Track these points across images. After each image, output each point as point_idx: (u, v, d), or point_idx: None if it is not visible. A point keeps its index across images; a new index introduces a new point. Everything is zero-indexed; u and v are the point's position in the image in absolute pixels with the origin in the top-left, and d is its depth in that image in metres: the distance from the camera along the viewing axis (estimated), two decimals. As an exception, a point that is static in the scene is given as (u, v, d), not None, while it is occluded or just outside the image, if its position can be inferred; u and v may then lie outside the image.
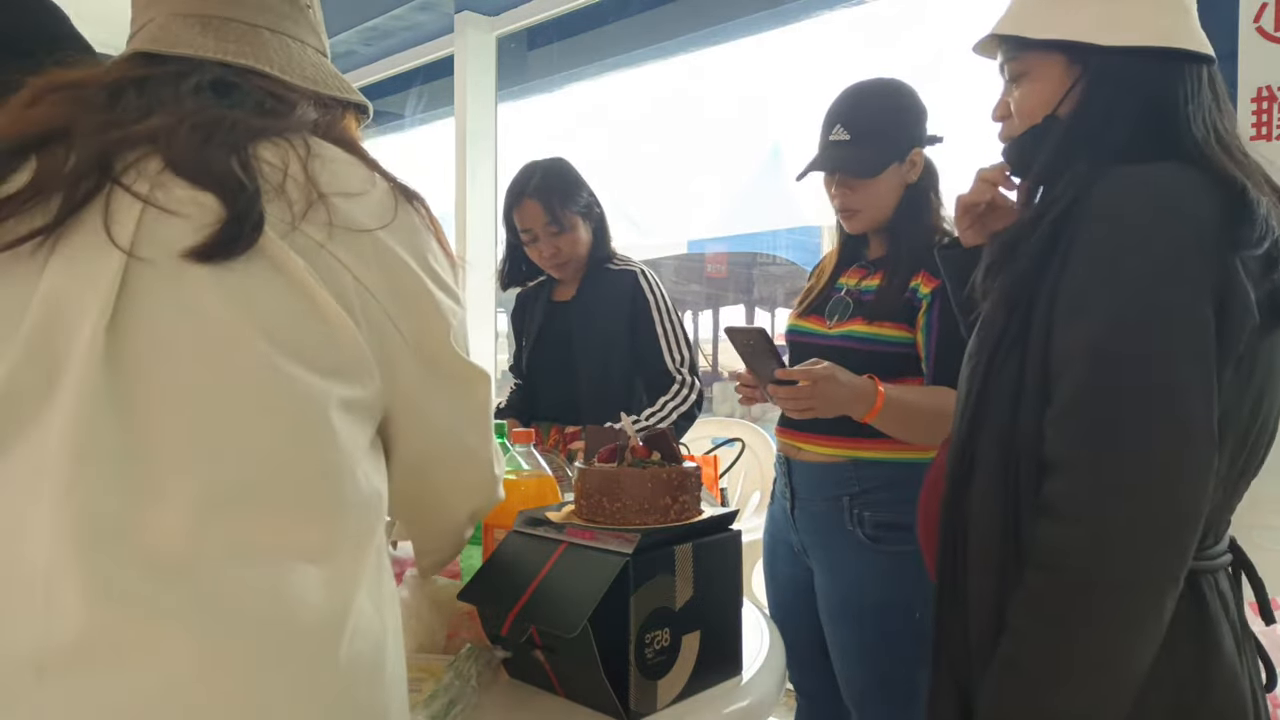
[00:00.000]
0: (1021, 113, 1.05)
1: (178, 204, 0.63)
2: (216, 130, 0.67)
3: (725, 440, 2.96)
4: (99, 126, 0.66)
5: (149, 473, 0.58)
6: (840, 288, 1.65)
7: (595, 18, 3.79)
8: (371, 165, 0.75)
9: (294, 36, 0.82)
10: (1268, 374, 0.90)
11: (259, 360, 0.62)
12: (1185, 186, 0.89)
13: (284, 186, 0.67)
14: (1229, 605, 0.93)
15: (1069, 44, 0.99)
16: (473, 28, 3.98)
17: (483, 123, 4.08)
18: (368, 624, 0.64)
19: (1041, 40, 1.01)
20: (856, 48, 3.01)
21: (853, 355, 1.51)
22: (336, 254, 0.67)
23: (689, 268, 10.74)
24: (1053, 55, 1.01)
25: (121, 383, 0.59)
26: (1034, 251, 0.95)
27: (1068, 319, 0.89)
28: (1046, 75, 1.02)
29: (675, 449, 1.15)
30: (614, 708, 0.96)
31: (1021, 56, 1.04)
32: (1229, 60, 1.80)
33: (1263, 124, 1.77)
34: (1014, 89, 1.06)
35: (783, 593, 1.74)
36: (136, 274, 0.61)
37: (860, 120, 1.56)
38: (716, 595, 1.08)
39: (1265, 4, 1.75)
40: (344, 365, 0.66)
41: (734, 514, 1.14)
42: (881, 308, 1.54)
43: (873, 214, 1.59)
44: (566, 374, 2.06)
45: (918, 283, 1.52)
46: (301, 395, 0.63)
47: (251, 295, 0.63)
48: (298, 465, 0.62)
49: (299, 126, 0.73)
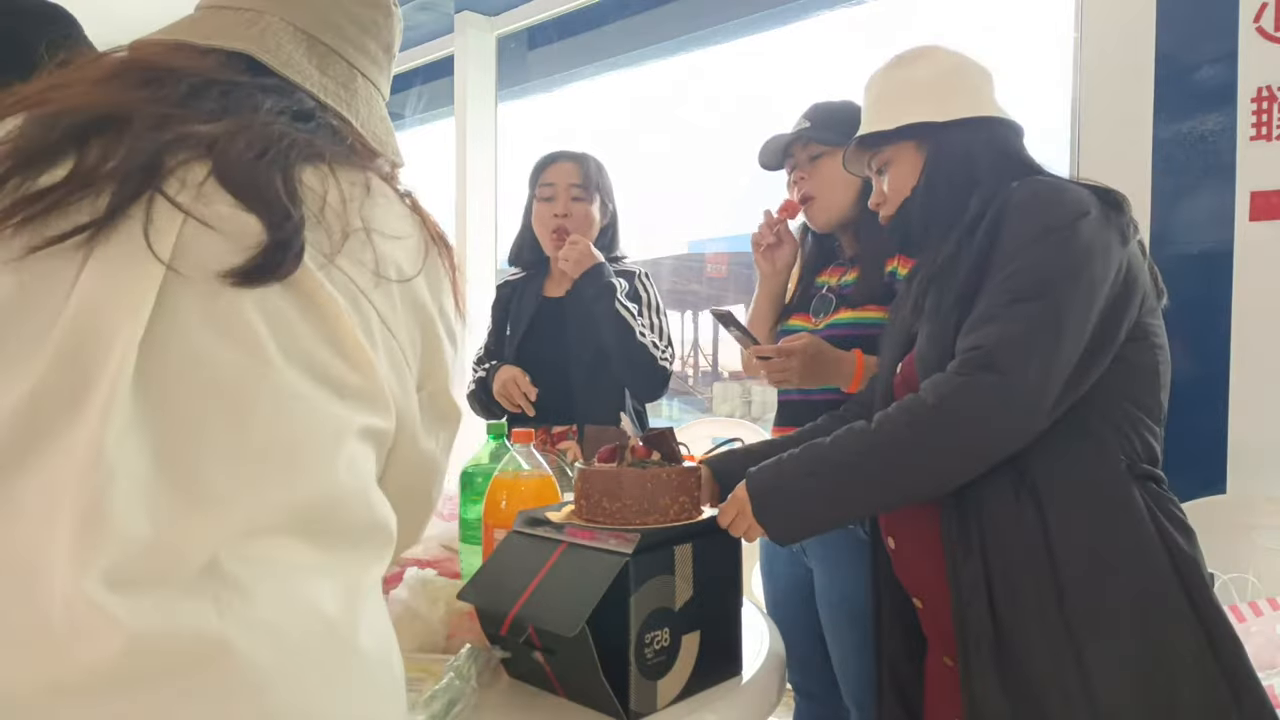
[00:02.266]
0: (892, 194, 1.32)
1: (219, 220, 0.62)
2: (276, 144, 0.66)
3: (725, 440, 2.96)
4: (159, 121, 0.64)
5: (177, 497, 0.56)
6: (821, 285, 1.68)
7: (595, 18, 3.79)
8: (417, 210, 0.76)
9: (376, 85, 0.83)
10: (1162, 331, 1.16)
11: (290, 386, 0.61)
12: (1076, 185, 1.15)
13: (323, 214, 0.66)
14: (1173, 514, 1.11)
15: (914, 130, 1.28)
16: (473, 28, 3.98)
17: (483, 123, 4.09)
18: (380, 624, 0.65)
19: (892, 132, 1.29)
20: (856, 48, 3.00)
21: (842, 343, 1.55)
22: (372, 299, 0.68)
23: (689, 268, 10.74)
24: (905, 143, 1.30)
25: (152, 403, 0.57)
26: (972, 260, 1.14)
27: (1006, 261, 1.10)
28: (904, 158, 1.31)
29: (675, 449, 1.15)
30: (614, 708, 0.96)
31: (881, 150, 1.33)
32: (1229, 60, 1.80)
33: (1262, 124, 1.77)
34: (883, 180, 1.33)
35: (782, 592, 1.75)
36: (173, 289, 0.60)
37: (822, 112, 1.68)
38: (716, 595, 1.08)
39: (1265, 4, 1.75)
40: (366, 395, 0.67)
41: (734, 514, 1.14)
42: (863, 294, 1.60)
43: (828, 202, 1.65)
44: (557, 371, 2.03)
45: (894, 265, 1.58)
46: (329, 422, 0.63)
47: (285, 321, 0.62)
48: (326, 492, 0.62)
49: (371, 168, 0.74)
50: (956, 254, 1.18)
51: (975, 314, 1.10)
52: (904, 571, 1.26)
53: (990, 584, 1.08)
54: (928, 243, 1.27)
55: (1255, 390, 1.76)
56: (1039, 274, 1.07)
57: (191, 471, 0.57)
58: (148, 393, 0.57)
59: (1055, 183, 1.16)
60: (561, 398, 2.01)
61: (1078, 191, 1.13)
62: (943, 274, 1.19)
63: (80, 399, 0.56)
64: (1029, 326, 1.05)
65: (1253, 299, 1.77)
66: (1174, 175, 1.86)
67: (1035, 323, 1.05)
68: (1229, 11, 1.78)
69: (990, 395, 1.04)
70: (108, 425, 0.55)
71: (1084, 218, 1.09)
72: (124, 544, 0.53)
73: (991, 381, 1.04)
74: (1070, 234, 1.08)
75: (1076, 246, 1.08)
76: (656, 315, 2.08)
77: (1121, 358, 1.10)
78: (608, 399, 2.00)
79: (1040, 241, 1.08)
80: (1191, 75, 1.85)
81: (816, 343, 1.51)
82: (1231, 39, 1.78)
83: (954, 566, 1.11)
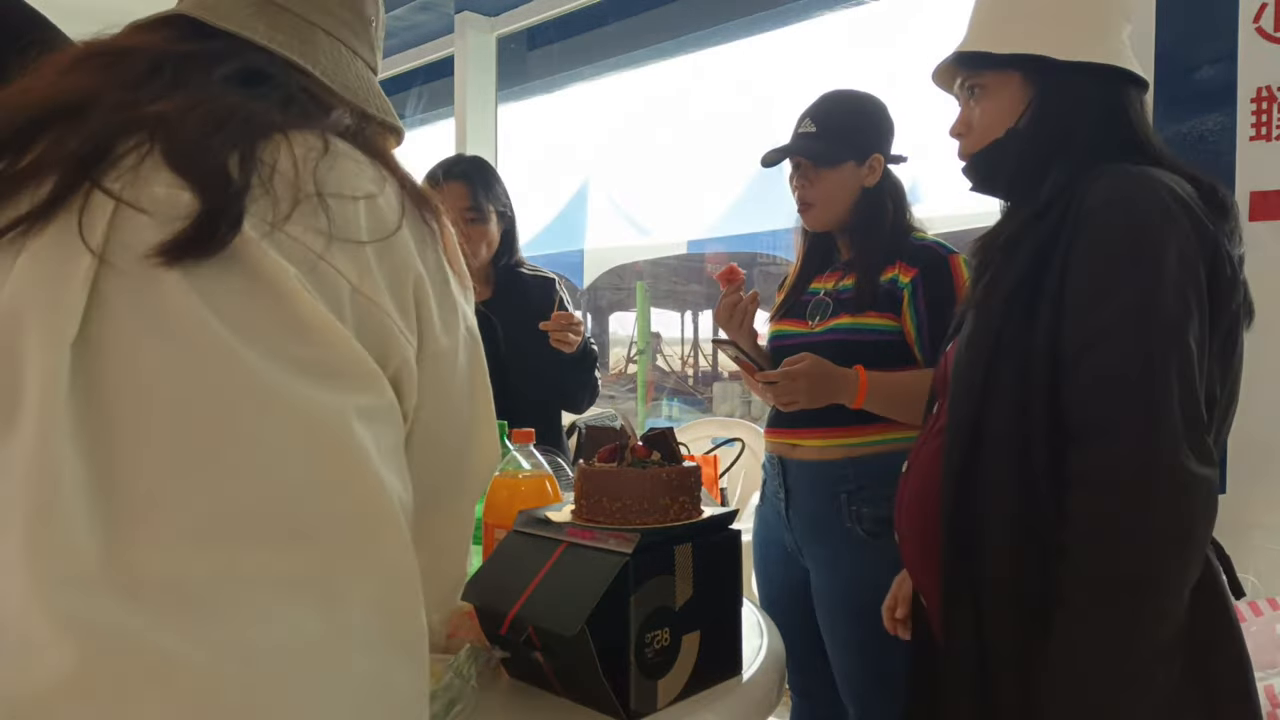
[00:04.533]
0: (984, 128, 1.13)
1: (152, 202, 0.58)
2: (230, 120, 0.63)
3: (725, 440, 2.96)
4: (117, 105, 0.62)
5: (125, 505, 0.53)
6: (817, 291, 1.68)
7: (595, 18, 3.80)
8: (390, 168, 0.71)
9: (349, 45, 0.78)
10: (1240, 357, 1.06)
11: (240, 376, 0.57)
12: (1166, 181, 0.99)
13: (271, 182, 0.62)
14: (1217, 571, 1.02)
15: (1026, 61, 1.08)
16: (473, 28, 3.98)
17: (483, 123, 4.09)
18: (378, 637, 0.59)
19: (1001, 58, 1.10)
20: (856, 48, 2.99)
21: (842, 348, 1.55)
22: (334, 264, 0.63)
23: (689, 268, 10.75)
24: (1010, 72, 1.10)
25: (91, 407, 0.53)
26: (1033, 248, 1.02)
27: (1092, 301, 0.97)
28: (1006, 91, 1.11)
29: (675, 449, 1.15)
30: (614, 708, 0.96)
31: (981, 73, 1.13)
32: (1229, 60, 1.80)
33: (1262, 124, 1.77)
34: (974, 106, 1.15)
35: (777, 594, 1.75)
36: (106, 283, 0.56)
37: (828, 117, 1.66)
38: (716, 595, 1.08)
39: (1265, 4, 1.75)
40: (337, 372, 0.61)
41: (734, 514, 1.14)
42: (863, 300, 1.59)
43: (826, 208, 1.65)
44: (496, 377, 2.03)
45: (895, 273, 1.58)
46: (290, 409, 0.58)
47: (230, 303, 0.58)
48: (292, 485, 0.57)
49: (327, 127, 0.69)
50: (1019, 239, 1.06)
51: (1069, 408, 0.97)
52: (910, 569, 1.26)
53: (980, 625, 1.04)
54: (1008, 196, 1.15)
55: (1255, 390, 1.75)
56: (1125, 349, 0.95)
57: (135, 480, 0.53)
58: (87, 397, 0.53)
59: (1140, 197, 0.98)
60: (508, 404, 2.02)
61: (1165, 206, 0.97)
62: (1003, 258, 1.07)
63: (15, 407, 0.53)
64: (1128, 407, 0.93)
65: (1253, 299, 1.77)
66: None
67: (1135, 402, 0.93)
68: (1229, 11, 1.78)
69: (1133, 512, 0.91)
70: (46, 437, 0.52)
71: (1166, 252, 0.95)
72: (73, 559, 0.51)
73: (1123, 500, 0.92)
74: (1153, 282, 0.94)
75: (1162, 301, 0.94)
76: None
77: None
78: (544, 404, 2.03)
79: (1117, 291, 0.96)
80: (1191, 75, 1.85)
81: (819, 363, 1.50)
82: (1231, 39, 1.78)
83: (947, 604, 1.08)
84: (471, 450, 0.79)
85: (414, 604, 0.63)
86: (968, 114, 1.16)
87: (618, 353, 12.88)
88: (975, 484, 1.05)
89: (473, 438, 0.78)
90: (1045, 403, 0.99)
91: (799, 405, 1.51)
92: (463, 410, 0.75)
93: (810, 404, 1.51)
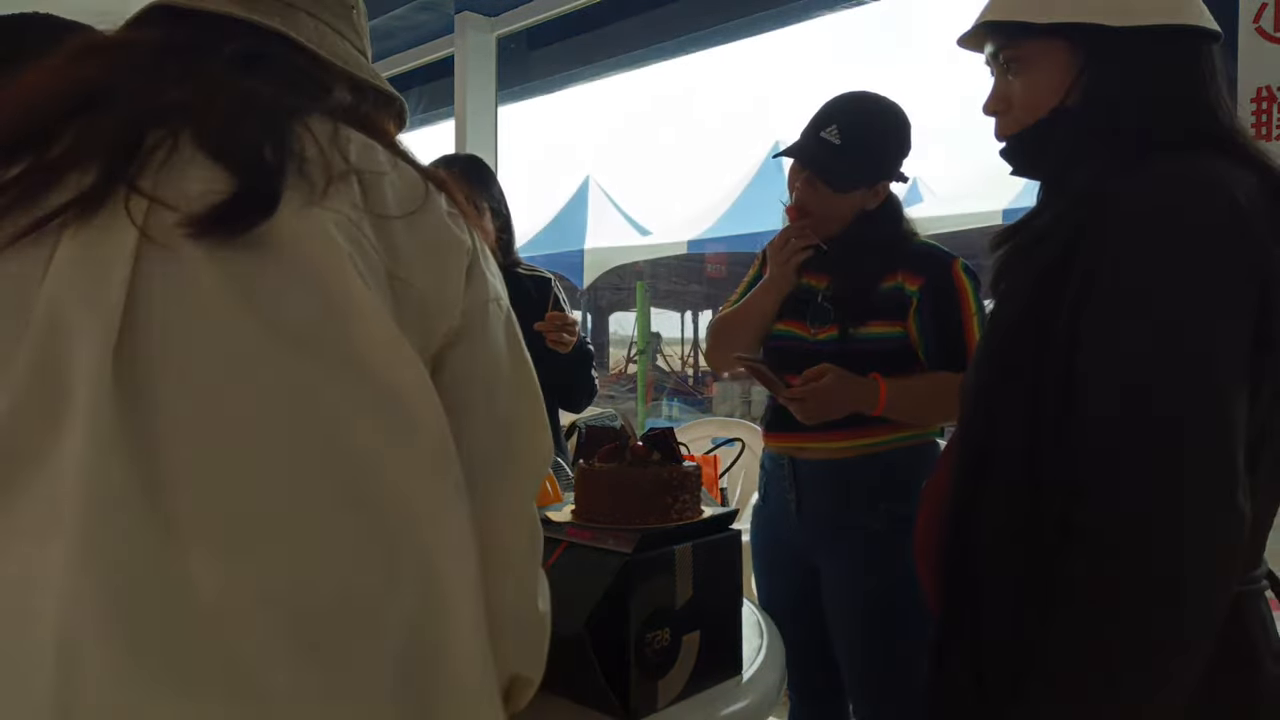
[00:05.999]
0: (1025, 105, 0.96)
1: (187, 196, 0.57)
2: (253, 105, 0.62)
3: (725, 440, 2.96)
4: (138, 93, 0.61)
5: (168, 511, 0.52)
6: (812, 290, 1.66)
7: (595, 18, 3.79)
8: (394, 151, 0.70)
9: (333, 27, 0.76)
10: None
11: (279, 370, 0.56)
12: (1226, 182, 0.82)
13: (304, 162, 0.61)
14: (1268, 627, 0.86)
15: (1074, 28, 0.90)
16: (473, 28, 3.98)
17: (483, 123, 4.08)
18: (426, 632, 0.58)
19: (1043, 25, 0.92)
20: (857, 48, 3.00)
21: (848, 359, 1.53)
22: (370, 237, 0.62)
23: (689, 268, 10.75)
24: (1055, 41, 0.92)
25: (133, 409, 0.53)
26: (1051, 261, 0.88)
27: (1103, 333, 0.82)
28: (1050, 63, 0.93)
29: (675, 449, 1.15)
30: (614, 708, 0.96)
31: (1019, 43, 0.95)
32: (1229, 60, 1.80)
33: (1262, 124, 1.77)
34: (1013, 80, 0.97)
35: (781, 594, 1.74)
36: (144, 275, 0.55)
37: (855, 131, 1.57)
38: (716, 595, 1.08)
39: (1265, 4, 1.75)
40: (381, 358, 0.60)
41: (734, 514, 1.14)
42: (863, 311, 1.57)
43: (821, 222, 1.62)
44: None
45: (899, 280, 1.55)
46: (331, 399, 0.57)
47: (265, 292, 0.57)
48: (329, 486, 0.56)
49: (332, 108, 0.68)
50: (1043, 241, 0.91)
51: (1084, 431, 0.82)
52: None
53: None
54: (1054, 183, 0.99)
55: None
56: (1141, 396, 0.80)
57: (179, 482, 0.53)
58: (131, 400, 0.53)
59: (1189, 208, 0.82)
60: None
61: (1211, 217, 0.81)
62: (1022, 265, 0.94)
63: (60, 414, 0.52)
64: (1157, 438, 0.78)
65: None
66: (1174, 175, 1.87)
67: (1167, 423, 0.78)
68: (1229, 11, 1.78)
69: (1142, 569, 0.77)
70: (95, 442, 0.51)
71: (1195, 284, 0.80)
72: (115, 570, 0.50)
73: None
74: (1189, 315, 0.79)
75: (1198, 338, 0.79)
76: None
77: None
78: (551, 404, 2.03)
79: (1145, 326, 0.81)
80: (1191, 75, 1.85)
81: (842, 376, 1.48)
82: (1231, 39, 1.78)
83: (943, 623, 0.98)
84: (515, 428, 0.71)
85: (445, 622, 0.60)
86: (1005, 87, 0.98)
87: (618, 353, 12.88)
88: (975, 529, 0.93)
89: (516, 413, 0.71)
90: (1052, 448, 0.85)
91: (826, 418, 1.50)
92: (499, 382, 0.70)
93: (834, 416, 1.50)
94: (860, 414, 1.51)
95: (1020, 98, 0.97)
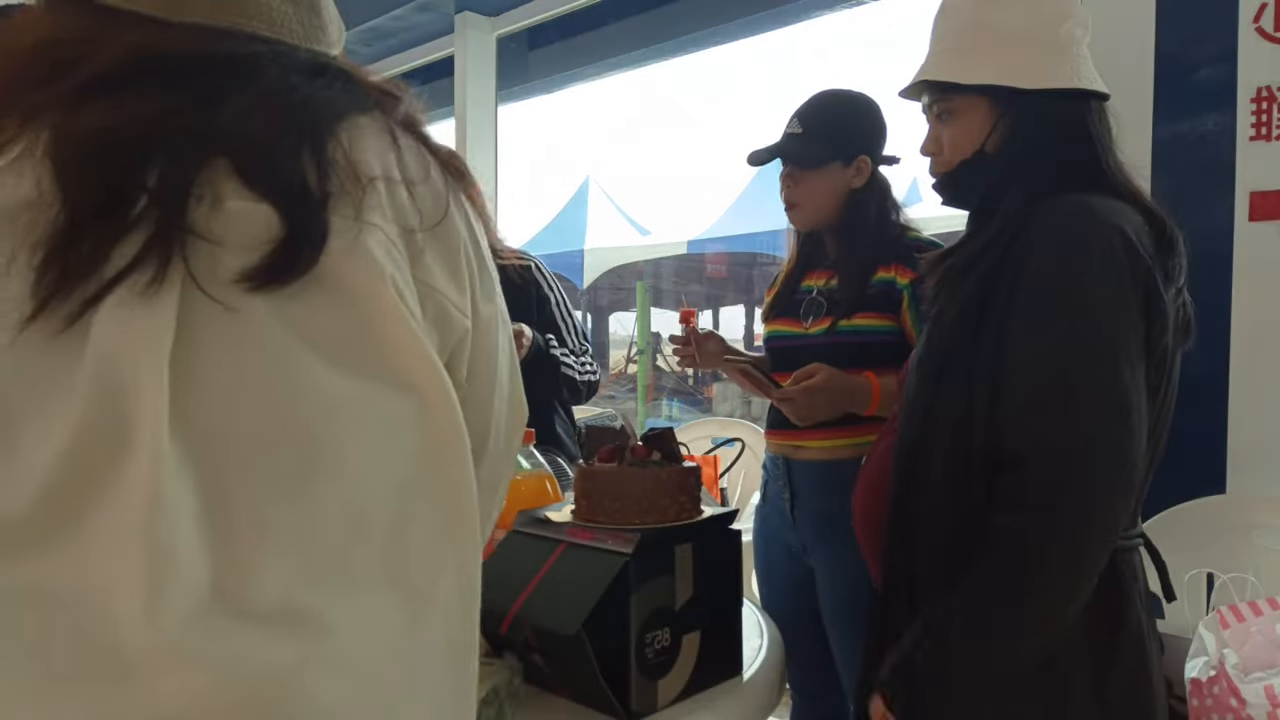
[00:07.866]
0: (953, 148, 1.18)
1: (232, 231, 0.56)
2: (288, 122, 0.60)
3: (725, 440, 2.96)
4: (179, 128, 0.58)
5: (237, 533, 0.54)
6: (809, 289, 1.68)
7: (595, 18, 3.79)
8: (422, 143, 0.70)
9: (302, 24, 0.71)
10: (1173, 380, 1.08)
11: (329, 396, 0.57)
12: (1116, 214, 1.03)
13: (343, 181, 0.60)
14: (1137, 577, 1.07)
15: (993, 88, 1.13)
16: (473, 28, 3.98)
17: (483, 123, 4.09)
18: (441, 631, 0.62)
19: (969, 85, 1.14)
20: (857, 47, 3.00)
21: (839, 350, 1.55)
22: (400, 247, 0.62)
23: (689, 268, 10.74)
24: (978, 98, 1.15)
25: (193, 438, 0.54)
26: (982, 275, 1.07)
27: (1026, 331, 1.01)
28: (973, 115, 1.16)
29: (675, 449, 1.15)
30: (614, 708, 0.96)
31: (950, 98, 1.17)
32: (1229, 60, 1.80)
33: (1262, 124, 1.77)
34: (943, 128, 1.19)
35: (779, 593, 1.74)
36: (191, 309, 0.55)
37: (814, 117, 1.65)
38: (716, 595, 1.08)
39: (1265, 4, 1.75)
40: (419, 385, 0.61)
41: (734, 514, 1.14)
42: (853, 302, 1.59)
43: (811, 209, 1.65)
44: None
45: (891, 275, 1.58)
46: (373, 420, 0.59)
47: (316, 323, 0.57)
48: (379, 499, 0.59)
49: (386, 109, 0.67)
50: (971, 263, 1.10)
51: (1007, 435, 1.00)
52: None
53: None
54: (975, 212, 1.19)
55: (1255, 390, 1.75)
56: (1047, 380, 0.99)
57: (242, 506, 0.54)
58: (188, 428, 0.54)
59: (1077, 229, 1.02)
60: None
61: (1105, 240, 1.01)
62: (956, 281, 1.12)
63: (123, 444, 0.53)
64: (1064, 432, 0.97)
65: (1252, 299, 1.77)
66: (1173, 175, 1.86)
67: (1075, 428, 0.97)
68: (1229, 11, 1.78)
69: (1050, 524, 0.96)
70: (158, 468, 0.52)
71: (1097, 285, 0.99)
72: (194, 586, 0.52)
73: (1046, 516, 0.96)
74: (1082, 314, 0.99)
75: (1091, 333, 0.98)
76: (568, 314, 2.09)
77: None
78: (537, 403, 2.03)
79: (1049, 325, 1.00)
80: (1191, 75, 1.85)
81: (833, 375, 1.50)
82: (1231, 39, 1.78)
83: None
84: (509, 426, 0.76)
85: (477, 609, 0.65)
86: (937, 133, 1.20)
87: (618, 353, 12.87)
88: (914, 507, 1.09)
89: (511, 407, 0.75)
90: (984, 429, 1.02)
91: (817, 419, 1.51)
92: (503, 378, 0.73)
93: (827, 416, 1.51)
94: (854, 413, 1.52)
95: (949, 142, 1.18)
